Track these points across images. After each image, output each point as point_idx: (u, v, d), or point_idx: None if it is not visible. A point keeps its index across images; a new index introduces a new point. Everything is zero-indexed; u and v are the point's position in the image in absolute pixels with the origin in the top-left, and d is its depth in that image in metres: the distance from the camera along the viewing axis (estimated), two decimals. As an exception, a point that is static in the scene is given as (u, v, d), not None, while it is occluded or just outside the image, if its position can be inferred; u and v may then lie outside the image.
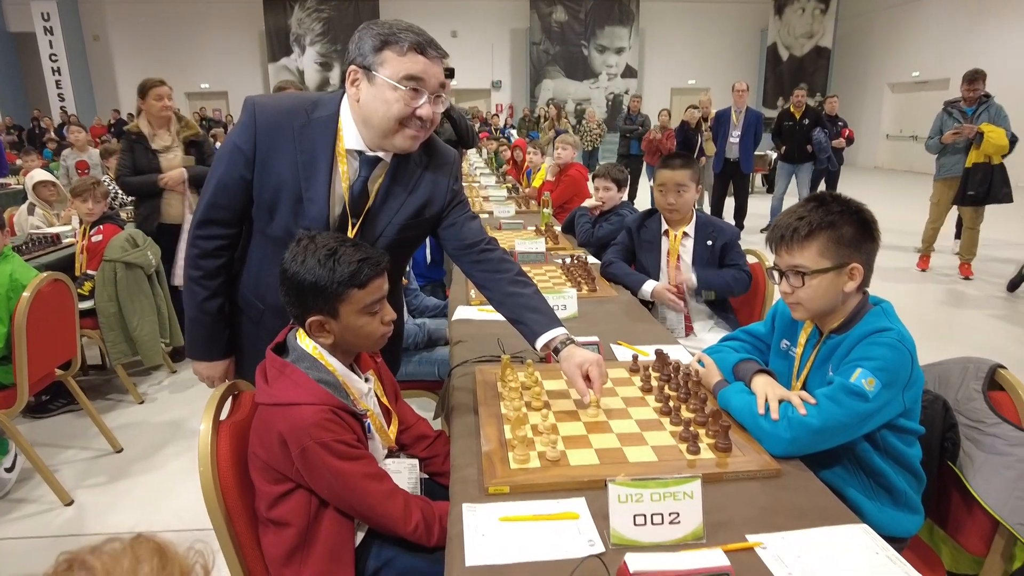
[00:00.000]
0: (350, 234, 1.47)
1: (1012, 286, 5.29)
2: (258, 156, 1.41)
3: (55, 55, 16.03)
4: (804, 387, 1.45)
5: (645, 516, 1.00)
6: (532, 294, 1.55)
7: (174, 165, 3.66)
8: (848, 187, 8.87)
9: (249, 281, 1.56)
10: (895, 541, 1.40)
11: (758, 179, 11.63)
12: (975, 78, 5.31)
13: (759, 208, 9.21)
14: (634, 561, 0.88)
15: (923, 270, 5.99)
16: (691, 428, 1.27)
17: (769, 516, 1.08)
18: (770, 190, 11.37)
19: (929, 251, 6.05)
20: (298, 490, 1.24)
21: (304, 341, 1.29)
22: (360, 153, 1.45)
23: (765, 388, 1.33)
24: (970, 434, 1.43)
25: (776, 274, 1.43)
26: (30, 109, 15.76)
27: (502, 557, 0.97)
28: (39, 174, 4.61)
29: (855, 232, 1.34)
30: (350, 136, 1.43)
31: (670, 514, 1.00)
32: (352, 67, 1.37)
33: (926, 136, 5.75)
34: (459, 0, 17.11)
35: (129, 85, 16.18)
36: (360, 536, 1.31)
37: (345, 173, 1.44)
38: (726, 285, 2.39)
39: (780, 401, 1.29)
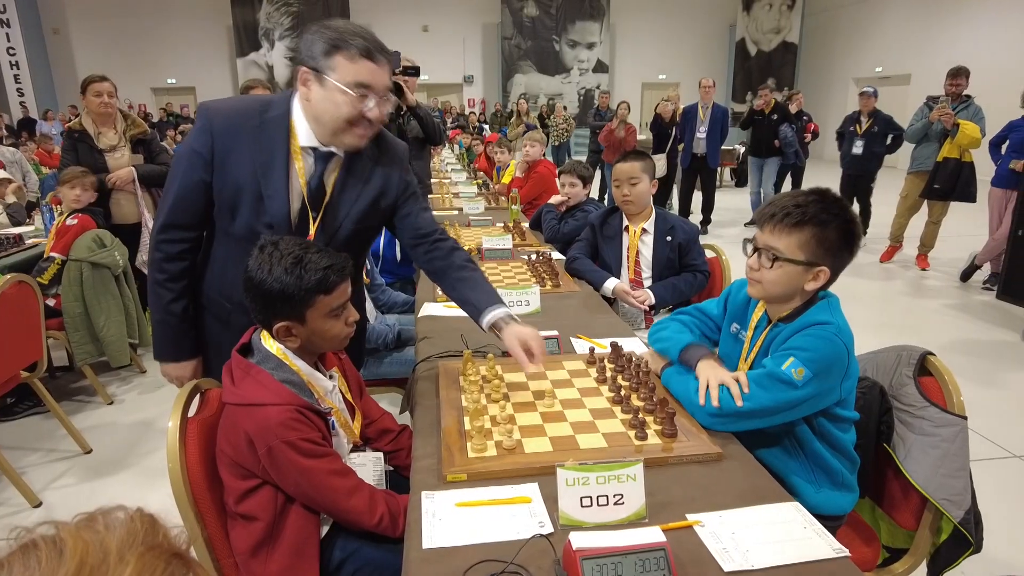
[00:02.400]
0: (311, 228, 1.52)
1: (964, 276, 5.50)
2: (216, 159, 1.46)
3: (12, 48, 15.59)
4: (750, 370, 1.53)
5: (591, 498, 1.06)
6: (478, 278, 1.65)
7: (121, 164, 3.63)
8: (814, 180, 9.10)
9: (214, 281, 1.60)
10: (833, 519, 1.50)
11: (727, 173, 11.83)
12: (958, 74, 5.37)
13: (727, 202, 9.39)
14: (577, 539, 0.94)
15: (884, 262, 6.18)
16: (639, 416, 1.35)
17: (709, 496, 1.16)
18: (738, 183, 11.60)
19: (896, 244, 6.21)
20: (265, 486, 1.28)
21: (269, 343, 1.33)
22: (314, 149, 1.50)
23: (707, 372, 1.41)
24: (903, 417, 1.53)
25: (750, 247, 1.49)
26: (-12, 105, 15.34)
27: (457, 539, 1.03)
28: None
29: (838, 239, 1.38)
30: (303, 134, 1.48)
31: (615, 496, 1.07)
32: (303, 68, 1.42)
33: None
34: (430, -7, 17.07)
35: (92, 80, 15.83)
36: (325, 529, 1.36)
37: (302, 169, 1.49)
38: (682, 294, 2.51)
39: (720, 384, 1.37)
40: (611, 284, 2.51)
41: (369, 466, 1.48)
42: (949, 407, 1.46)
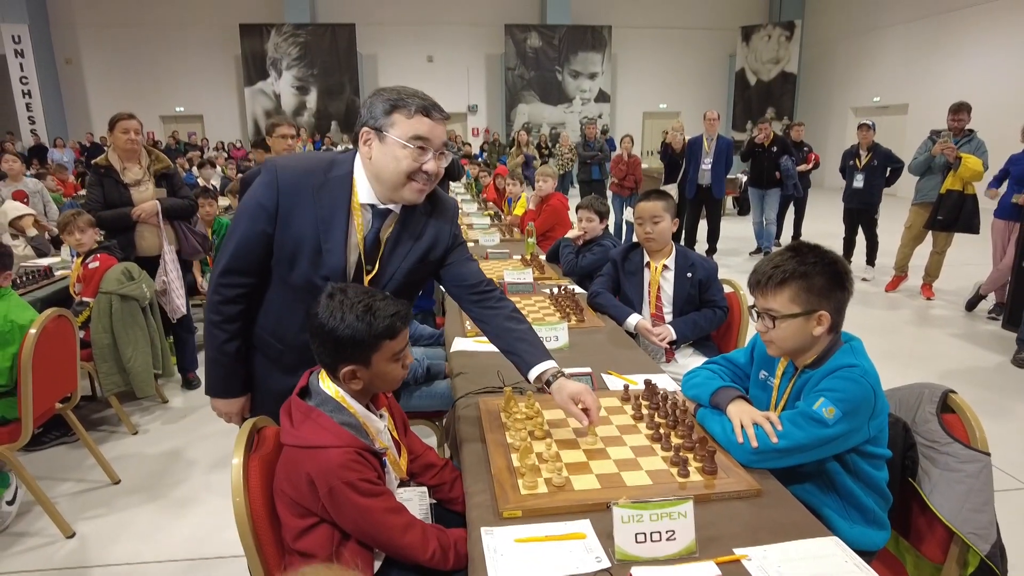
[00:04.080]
0: (365, 279, 1.60)
1: (970, 306, 5.58)
2: (280, 213, 1.54)
3: (26, 78, 15.89)
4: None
5: (645, 534, 1.13)
6: (526, 330, 1.71)
7: (146, 198, 3.74)
8: (815, 210, 9.25)
9: (268, 324, 1.68)
10: (864, 554, 1.55)
11: (729, 201, 11.99)
12: (959, 109, 5.49)
13: (730, 231, 9.51)
14: (640, 573, 1.01)
15: (889, 291, 6.26)
16: (680, 453, 1.42)
17: (752, 531, 1.22)
18: (740, 212, 11.75)
19: (901, 274, 6.30)
20: (322, 524, 1.34)
21: (327, 385, 1.40)
22: (372, 206, 1.58)
23: (740, 414, 1.49)
24: (927, 453, 1.60)
25: (754, 313, 1.59)
26: (0, 133, 15.56)
27: (519, 572, 1.09)
28: (12, 205, 4.63)
29: (826, 282, 1.49)
30: (363, 191, 1.57)
31: (667, 532, 1.13)
32: (365, 128, 1.51)
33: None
34: (435, 25, 17.42)
35: (102, 108, 16.13)
36: (378, 564, 1.42)
37: (360, 225, 1.58)
38: (702, 331, 2.59)
39: (754, 424, 1.44)
40: (633, 320, 2.58)
41: (415, 500, 1.55)
42: (972, 443, 1.53)
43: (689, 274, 2.60)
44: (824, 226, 8.86)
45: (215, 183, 8.41)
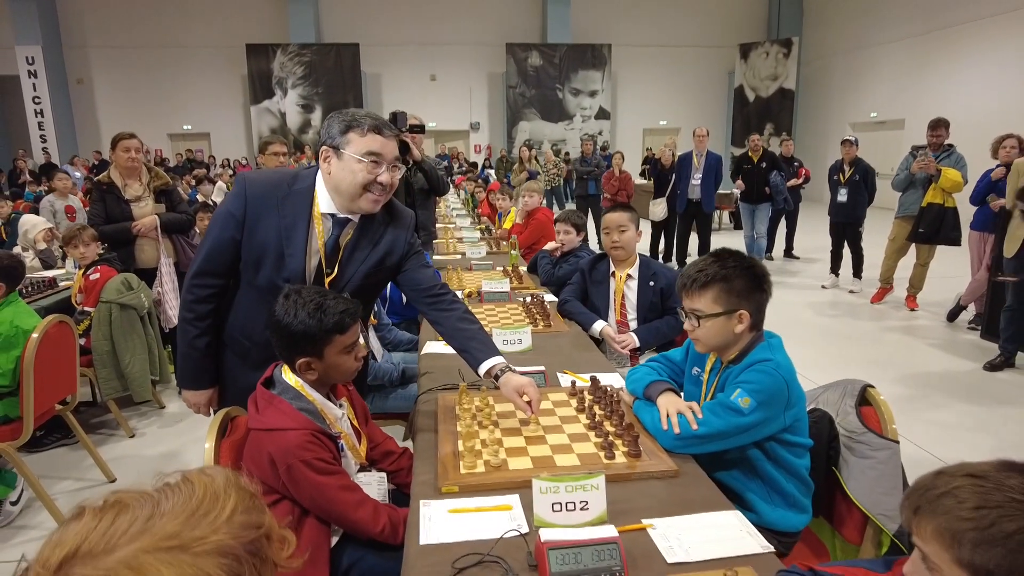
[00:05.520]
0: (325, 281, 1.77)
1: (951, 316, 5.69)
2: (247, 221, 1.73)
3: (38, 98, 16.31)
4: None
5: (561, 504, 1.27)
6: (476, 330, 1.87)
7: (146, 213, 3.94)
8: (807, 224, 9.39)
9: (236, 323, 1.85)
10: (786, 535, 1.69)
11: (725, 216, 12.14)
12: (938, 124, 5.63)
13: (724, 243, 9.60)
14: (546, 534, 1.15)
15: (875, 303, 6.37)
16: (609, 438, 1.56)
17: (663, 506, 1.36)
18: (736, 226, 11.90)
19: (887, 285, 6.41)
20: (283, 500, 1.49)
21: (288, 376, 1.56)
22: (333, 215, 1.76)
23: (667, 404, 1.64)
24: (847, 443, 1.74)
25: (683, 313, 1.74)
26: (12, 151, 15.94)
27: (448, 537, 1.24)
28: (33, 220, 4.85)
29: (745, 284, 1.64)
30: (324, 202, 1.76)
31: (580, 502, 1.28)
32: (324, 148, 1.70)
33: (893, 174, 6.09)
34: (438, 45, 17.76)
35: (112, 127, 16.45)
36: (335, 539, 1.57)
37: (321, 233, 1.75)
38: (664, 336, 2.73)
39: (678, 413, 1.59)
40: (599, 326, 2.73)
41: (374, 485, 1.69)
42: (884, 433, 1.67)
43: (652, 283, 2.75)
44: (815, 239, 8.99)
45: (216, 199, 8.65)
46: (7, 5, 15.57)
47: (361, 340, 1.61)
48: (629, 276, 2.80)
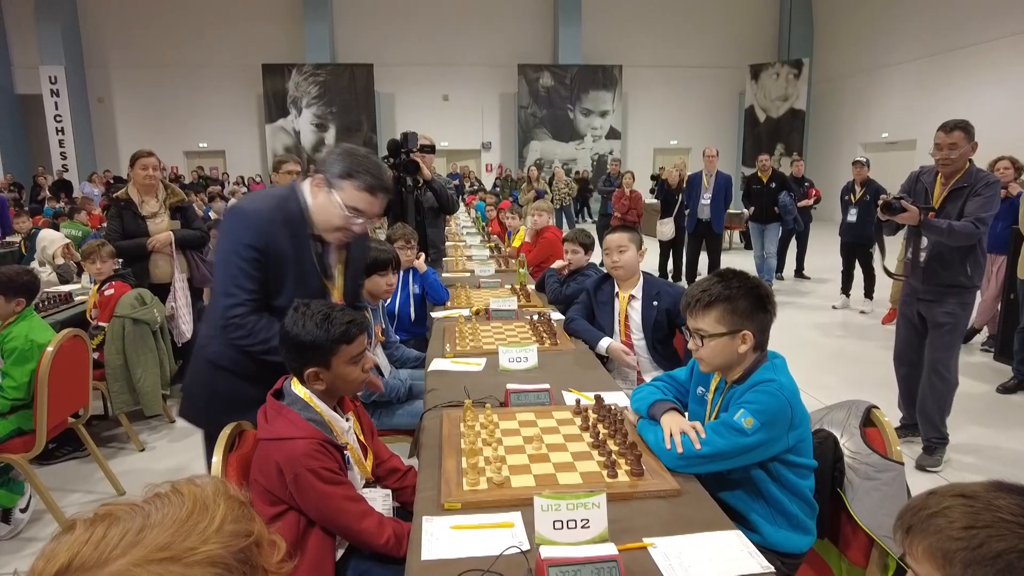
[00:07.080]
0: (336, 296, 1.82)
1: (965, 338, 5.63)
2: (262, 248, 1.76)
3: (60, 116, 16.63)
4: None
5: (562, 522, 1.28)
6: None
7: (161, 229, 4.01)
8: (818, 244, 9.35)
9: None
10: (790, 556, 1.69)
11: (736, 236, 12.13)
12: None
13: (735, 263, 9.58)
14: (546, 552, 1.16)
15: (886, 324, 6.32)
16: (612, 457, 1.57)
17: (665, 525, 1.37)
18: (747, 246, 11.88)
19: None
20: (290, 511, 1.51)
21: (297, 388, 1.59)
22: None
23: (671, 423, 1.64)
24: (852, 464, 1.73)
25: (687, 332, 1.75)
26: (32, 168, 16.23)
27: (450, 553, 1.25)
28: (51, 236, 4.94)
29: (749, 305, 1.65)
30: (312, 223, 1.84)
31: (582, 520, 1.29)
32: (320, 175, 1.76)
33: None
34: (451, 66, 17.99)
35: (130, 145, 16.70)
36: (340, 552, 1.58)
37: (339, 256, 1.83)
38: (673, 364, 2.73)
39: (681, 433, 1.60)
40: (605, 343, 2.74)
41: (379, 501, 1.71)
42: (889, 454, 1.66)
43: (655, 302, 2.76)
44: (825, 259, 8.95)
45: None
46: (33, 27, 15.96)
47: (368, 353, 1.64)
48: (632, 297, 2.82)
